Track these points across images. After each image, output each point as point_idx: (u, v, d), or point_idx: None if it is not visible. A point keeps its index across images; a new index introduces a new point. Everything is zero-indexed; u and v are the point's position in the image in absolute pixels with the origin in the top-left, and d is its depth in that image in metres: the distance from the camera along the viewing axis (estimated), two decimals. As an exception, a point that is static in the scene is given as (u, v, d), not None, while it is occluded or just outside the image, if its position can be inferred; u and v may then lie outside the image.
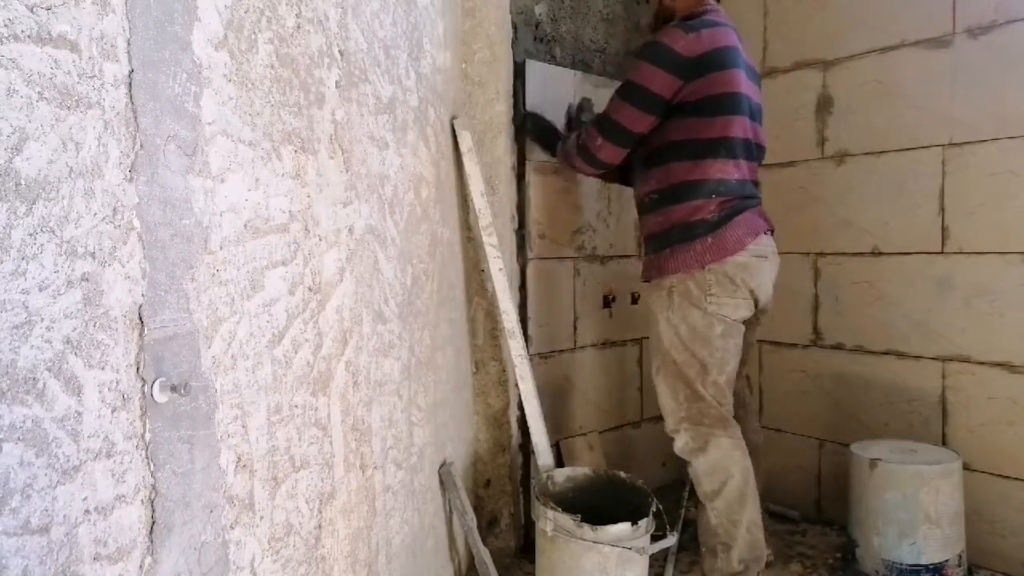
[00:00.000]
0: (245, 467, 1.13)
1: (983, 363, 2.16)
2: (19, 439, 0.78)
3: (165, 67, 0.97)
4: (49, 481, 0.81)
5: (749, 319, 1.97)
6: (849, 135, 2.43)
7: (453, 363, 2.05)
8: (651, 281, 1.99)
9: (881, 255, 2.38)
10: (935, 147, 2.23)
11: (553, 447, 2.24)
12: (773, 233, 2.00)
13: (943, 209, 2.23)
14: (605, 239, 2.59)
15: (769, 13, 2.63)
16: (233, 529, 1.10)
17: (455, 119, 2.06)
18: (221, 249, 1.07)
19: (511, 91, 2.27)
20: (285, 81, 1.22)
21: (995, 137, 2.11)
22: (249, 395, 1.13)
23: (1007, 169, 2.09)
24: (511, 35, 2.25)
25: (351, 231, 1.43)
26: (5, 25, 0.76)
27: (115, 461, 0.90)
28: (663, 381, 1.98)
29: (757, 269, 1.90)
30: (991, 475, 2.15)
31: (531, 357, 2.18)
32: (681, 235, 1.89)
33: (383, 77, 1.58)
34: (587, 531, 1.70)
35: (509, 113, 2.26)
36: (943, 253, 2.23)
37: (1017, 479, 2.11)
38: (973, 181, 2.16)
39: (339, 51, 1.39)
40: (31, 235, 0.79)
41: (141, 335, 0.93)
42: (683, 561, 2.24)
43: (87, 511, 0.86)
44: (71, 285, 0.83)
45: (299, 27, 1.26)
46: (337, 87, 1.38)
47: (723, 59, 1.84)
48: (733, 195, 1.89)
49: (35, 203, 0.79)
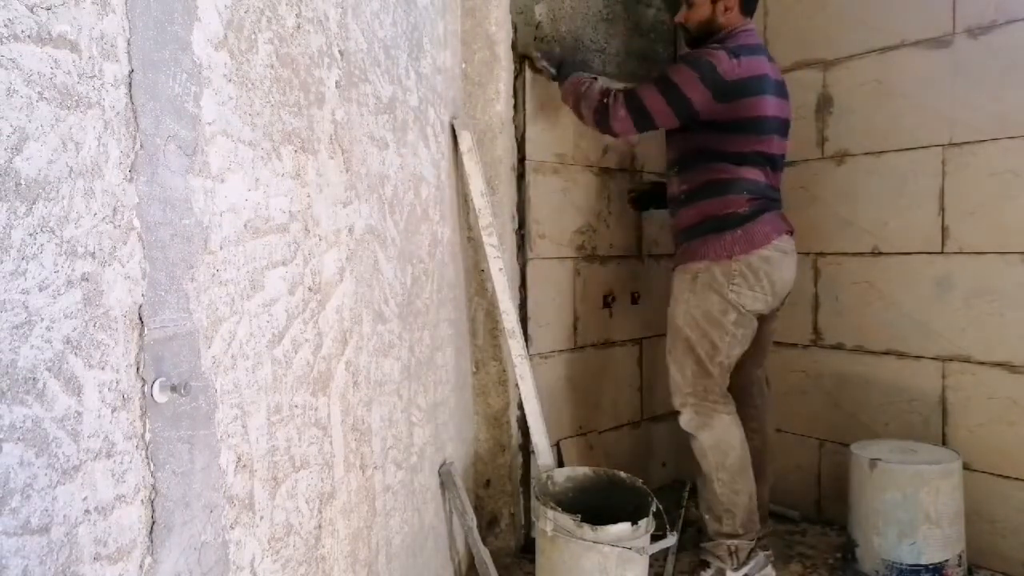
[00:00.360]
0: (245, 467, 1.13)
1: (983, 363, 2.16)
2: (19, 439, 0.78)
3: (165, 67, 0.97)
4: (49, 481, 0.81)
5: (765, 315, 2.10)
6: (849, 135, 2.43)
7: (453, 363, 2.05)
8: (679, 267, 2.12)
9: (881, 255, 2.38)
10: (935, 147, 2.23)
11: (553, 447, 2.25)
12: (792, 235, 2.11)
13: (943, 209, 2.23)
14: (605, 239, 2.59)
15: (769, 13, 2.63)
16: (233, 529, 1.10)
17: (455, 119, 2.06)
18: (221, 249, 1.07)
19: (511, 91, 2.27)
20: (285, 81, 1.22)
21: (995, 137, 2.11)
22: (249, 395, 1.13)
23: (1007, 169, 2.09)
24: (511, 35, 2.25)
25: (351, 231, 1.43)
26: (5, 25, 0.76)
27: (115, 461, 0.90)
28: (674, 359, 2.11)
29: (779, 263, 2.03)
30: (991, 475, 2.15)
31: (531, 357, 2.18)
32: (714, 226, 2.03)
33: (383, 77, 1.58)
34: (587, 531, 1.70)
35: (509, 113, 2.26)
36: (943, 253, 2.23)
37: (1017, 479, 2.11)
38: (973, 181, 2.16)
39: (339, 51, 1.39)
40: (31, 235, 0.79)
41: (141, 335, 0.93)
42: (683, 561, 2.24)
43: (87, 511, 0.86)
44: (71, 285, 0.83)
45: (299, 27, 1.26)
46: (337, 87, 1.38)
47: (756, 87, 2.00)
48: (762, 195, 2.04)
49: (35, 203, 0.79)
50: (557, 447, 2.43)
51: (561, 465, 2.37)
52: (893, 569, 2.03)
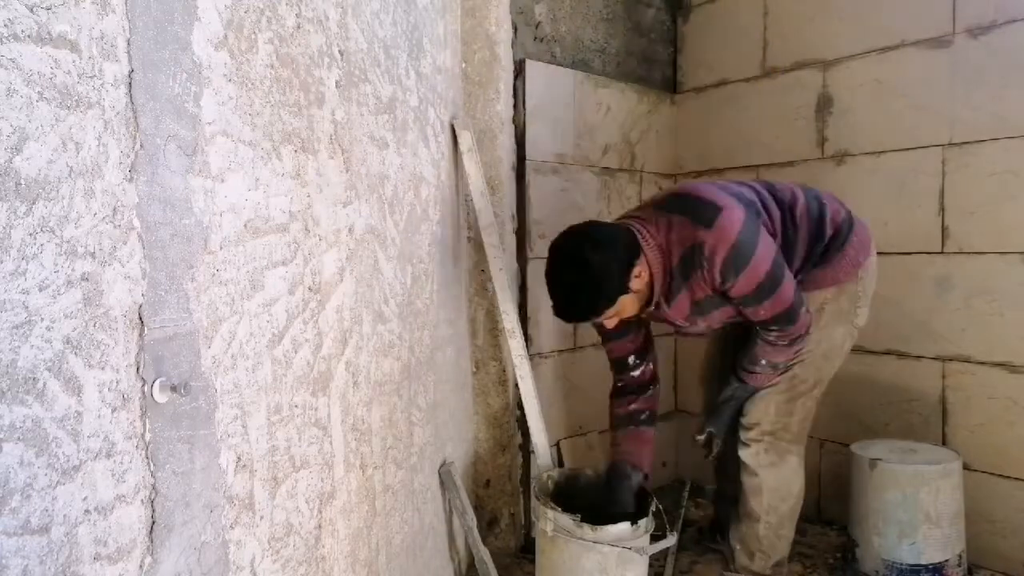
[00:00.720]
0: (245, 467, 1.13)
1: (983, 363, 2.16)
2: (19, 439, 0.78)
3: (165, 67, 0.97)
4: (49, 481, 0.81)
5: None
6: (849, 135, 2.43)
7: (453, 363, 2.05)
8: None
9: (881, 255, 2.37)
10: (935, 147, 2.23)
11: (553, 447, 2.25)
12: None
13: (943, 209, 2.23)
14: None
15: (769, 13, 2.62)
16: (233, 529, 1.10)
17: (455, 119, 2.06)
18: (221, 249, 1.07)
19: (511, 91, 2.27)
20: (285, 81, 1.22)
21: (995, 137, 2.11)
22: (249, 395, 1.13)
23: (1007, 169, 2.09)
24: (511, 35, 2.25)
25: (351, 231, 1.43)
26: (5, 25, 0.76)
27: (115, 461, 0.90)
28: (765, 391, 1.93)
29: (876, 264, 1.96)
30: (991, 475, 2.15)
31: (531, 357, 2.18)
32: (834, 242, 1.86)
33: (383, 77, 1.58)
34: (587, 531, 1.70)
35: (509, 113, 2.26)
36: (943, 253, 2.23)
37: (1017, 479, 2.11)
38: (973, 181, 2.16)
39: (339, 51, 1.39)
40: (31, 235, 0.79)
41: (141, 335, 0.93)
42: (683, 561, 2.24)
43: (87, 511, 0.86)
44: (71, 285, 0.83)
45: (299, 27, 1.26)
46: (337, 87, 1.38)
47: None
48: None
49: (35, 203, 0.79)
50: (557, 447, 2.43)
51: (561, 465, 2.37)
52: (893, 569, 2.03)
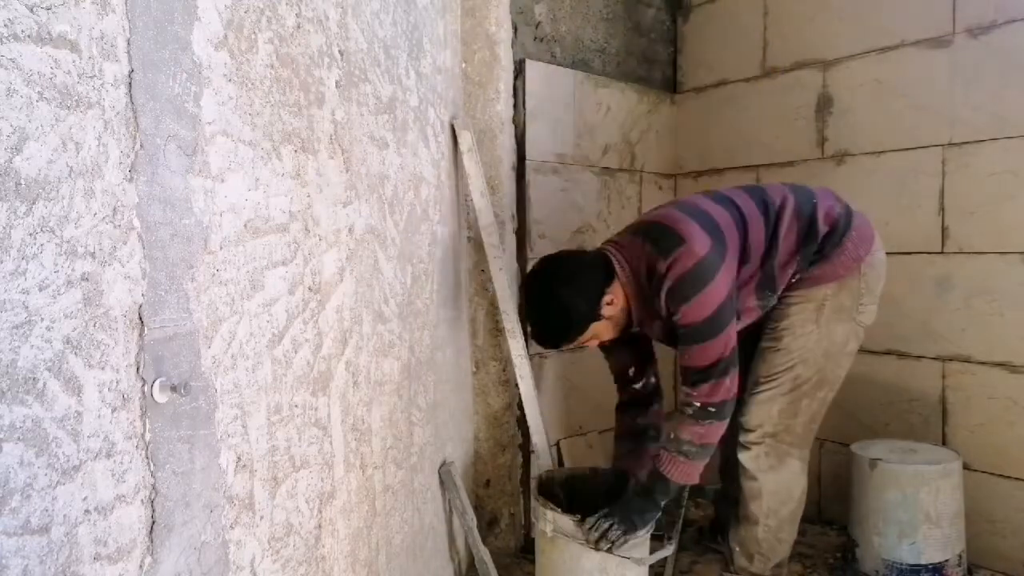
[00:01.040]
0: (245, 467, 1.12)
1: (983, 363, 2.16)
2: (19, 439, 0.78)
3: (165, 67, 0.97)
4: (49, 481, 0.81)
5: None
6: (849, 135, 2.43)
7: (453, 363, 2.05)
8: (799, 292, 1.87)
9: (881, 255, 2.38)
10: (935, 147, 2.23)
11: (553, 447, 2.25)
12: None
13: (943, 209, 2.23)
14: (605, 239, 2.58)
15: (769, 13, 2.62)
16: (233, 529, 1.10)
17: (455, 119, 2.06)
18: (221, 249, 1.07)
19: (511, 91, 2.27)
20: (285, 81, 1.22)
21: (995, 137, 2.11)
22: (249, 395, 1.13)
23: (1007, 169, 2.09)
24: (511, 35, 2.25)
25: (351, 231, 1.43)
26: (5, 25, 0.76)
27: (115, 461, 0.90)
28: (766, 392, 1.91)
29: (884, 263, 1.92)
30: (991, 475, 2.15)
31: (531, 357, 2.18)
32: (830, 239, 1.83)
33: (383, 77, 1.58)
34: (587, 531, 1.69)
35: (509, 113, 2.26)
36: (943, 253, 2.23)
37: (1017, 479, 2.11)
38: (973, 181, 2.16)
39: (339, 51, 1.39)
40: (31, 235, 0.79)
41: (141, 335, 0.93)
42: (683, 561, 2.24)
43: (87, 511, 0.86)
44: (71, 285, 0.83)
45: (299, 27, 1.26)
46: (337, 87, 1.38)
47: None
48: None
49: (35, 203, 0.79)
50: (557, 447, 2.43)
51: (561, 465, 2.37)
52: (893, 569, 2.03)
